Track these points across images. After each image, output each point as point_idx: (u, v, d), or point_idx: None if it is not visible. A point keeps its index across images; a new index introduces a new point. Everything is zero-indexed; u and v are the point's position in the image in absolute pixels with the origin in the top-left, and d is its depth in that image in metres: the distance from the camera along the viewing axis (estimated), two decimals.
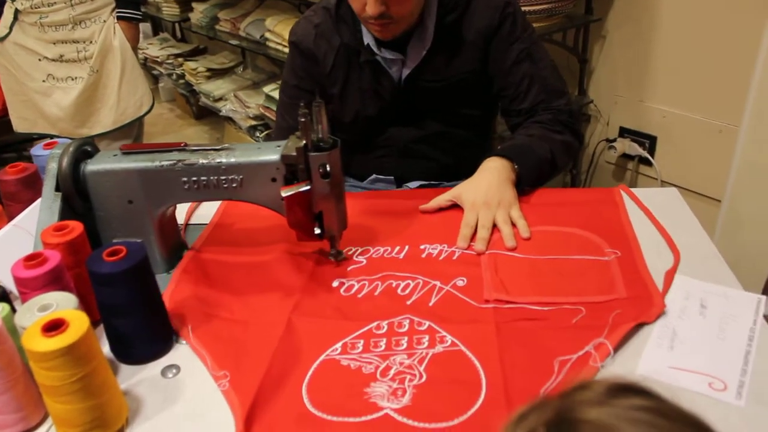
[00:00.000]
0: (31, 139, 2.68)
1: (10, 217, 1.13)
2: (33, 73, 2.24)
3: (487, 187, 1.20)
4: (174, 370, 0.90)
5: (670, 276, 1.01)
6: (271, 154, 1.01)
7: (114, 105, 2.29)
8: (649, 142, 2.41)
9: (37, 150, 1.24)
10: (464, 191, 1.22)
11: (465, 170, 1.48)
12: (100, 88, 2.27)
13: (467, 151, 1.47)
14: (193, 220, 1.29)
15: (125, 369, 0.91)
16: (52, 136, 2.40)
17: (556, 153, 1.30)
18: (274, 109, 2.80)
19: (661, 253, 1.08)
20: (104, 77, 2.26)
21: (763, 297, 0.95)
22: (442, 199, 1.24)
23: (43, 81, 2.24)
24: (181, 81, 3.87)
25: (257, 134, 3.24)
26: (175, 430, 0.81)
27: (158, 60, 3.98)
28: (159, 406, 0.84)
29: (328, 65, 1.39)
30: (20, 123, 2.41)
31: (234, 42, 3.20)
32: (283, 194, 0.98)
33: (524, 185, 1.25)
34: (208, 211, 1.30)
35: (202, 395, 0.86)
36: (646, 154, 2.41)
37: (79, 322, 0.76)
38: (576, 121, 1.40)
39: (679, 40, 2.20)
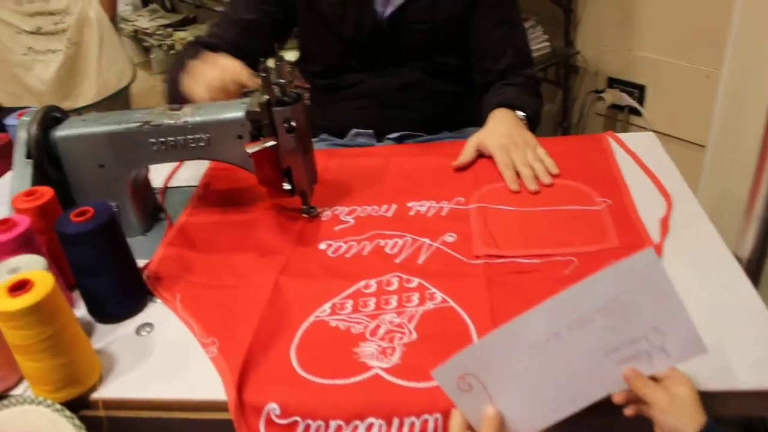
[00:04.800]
0: None
1: None
2: (13, 47, 2.22)
3: (509, 130, 1.23)
4: (148, 328, 0.92)
5: (665, 223, 1.00)
6: (235, 111, 1.01)
7: (95, 77, 2.28)
8: (638, 91, 2.39)
9: (11, 119, 1.23)
10: (486, 137, 1.24)
11: (448, 122, 1.49)
12: (80, 60, 2.25)
13: (450, 102, 1.48)
14: (174, 183, 1.30)
15: (101, 329, 0.93)
16: None
17: (540, 110, 1.37)
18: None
19: (651, 198, 1.08)
20: (83, 49, 2.24)
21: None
22: (468, 151, 1.24)
23: (24, 54, 2.23)
24: (172, 52, 3.84)
25: None
26: (146, 385, 0.82)
27: (148, 32, 3.94)
28: (132, 363, 0.86)
29: None
30: (6, 98, 2.39)
31: (222, 9, 3.16)
32: (248, 150, 0.98)
33: (532, 131, 1.28)
34: (188, 173, 1.31)
35: (173, 352, 0.87)
36: (635, 104, 2.39)
37: (44, 281, 0.76)
38: (540, 89, 1.45)
39: None
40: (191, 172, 1.30)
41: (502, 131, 1.23)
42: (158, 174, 1.27)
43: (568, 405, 0.70)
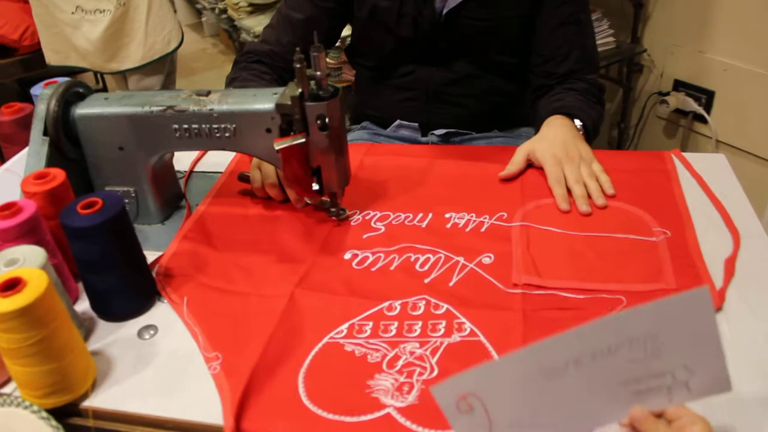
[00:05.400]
0: (72, 73, 2.65)
1: (6, 160, 1.10)
2: (62, 5, 2.19)
3: (563, 140, 1.13)
4: (151, 331, 0.85)
5: (730, 265, 0.89)
6: (265, 102, 0.93)
7: (142, 40, 2.24)
8: (705, 97, 2.23)
9: (37, 89, 1.18)
10: (537, 146, 1.14)
11: (497, 120, 1.40)
12: (128, 22, 2.21)
13: (501, 100, 1.39)
14: (201, 167, 1.23)
15: (102, 326, 0.87)
16: (84, 70, 2.37)
17: (600, 121, 1.26)
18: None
19: (717, 233, 0.96)
20: (131, 10, 2.20)
21: None
22: (517, 160, 1.14)
23: (72, 13, 2.19)
24: (224, 15, 3.78)
25: None
26: (141, 398, 0.76)
27: None
28: (129, 370, 0.80)
29: None
30: (53, 56, 2.37)
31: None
32: (276, 146, 0.90)
33: (590, 143, 1.18)
34: (218, 158, 1.24)
35: (175, 362, 0.81)
36: (701, 111, 2.23)
37: (37, 282, 0.70)
38: (603, 97, 1.32)
39: None
40: (221, 157, 1.23)
41: (555, 141, 1.13)
42: (185, 156, 1.20)
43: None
